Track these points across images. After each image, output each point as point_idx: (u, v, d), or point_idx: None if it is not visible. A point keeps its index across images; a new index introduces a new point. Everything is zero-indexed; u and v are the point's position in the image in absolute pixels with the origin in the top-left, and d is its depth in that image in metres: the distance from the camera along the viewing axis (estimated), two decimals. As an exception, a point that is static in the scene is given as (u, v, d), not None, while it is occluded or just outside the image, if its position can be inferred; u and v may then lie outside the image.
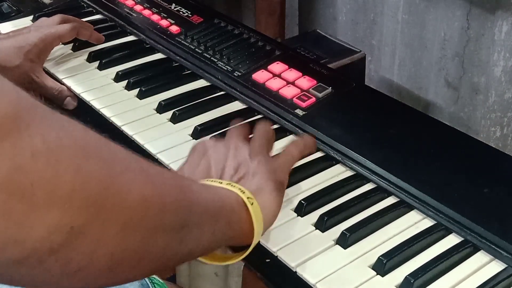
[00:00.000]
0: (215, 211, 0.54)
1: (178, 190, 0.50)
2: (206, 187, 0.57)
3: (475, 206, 0.67)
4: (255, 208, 0.58)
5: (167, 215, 0.47)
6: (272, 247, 0.64)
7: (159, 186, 0.47)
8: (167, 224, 0.47)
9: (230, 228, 0.56)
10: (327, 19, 1.48)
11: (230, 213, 0.56)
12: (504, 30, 1.09)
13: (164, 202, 0.47)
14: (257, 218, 0.58)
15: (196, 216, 0.51)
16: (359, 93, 0.88)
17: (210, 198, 0.55)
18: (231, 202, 0.57)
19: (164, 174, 0.51)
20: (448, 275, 0.61)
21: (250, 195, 0.58)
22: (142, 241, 0.45)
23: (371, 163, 0.73)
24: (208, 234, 0.53)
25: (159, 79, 0.94)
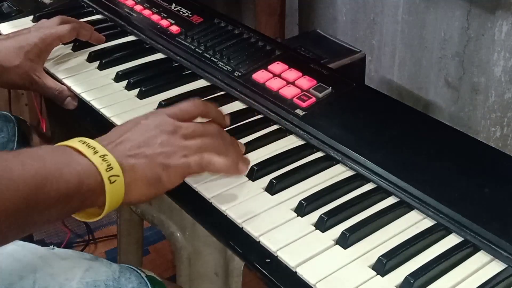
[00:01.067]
0: (68, 194, 0.59)
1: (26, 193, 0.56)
2: (66, 167, 0.60)
3: (475, 206, 0.67)
4: (115, 186, 0.62)
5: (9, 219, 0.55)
6: (272, 247, 0.64)
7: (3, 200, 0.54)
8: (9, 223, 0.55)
9: (82, 204, 0.62)
10: (327, 19, 1.48)
11: (86, 192, 0.61)
12: (504, 30, 1.09)
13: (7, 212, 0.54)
14: (113, 196, 0.62)
15: (46, 204, 0.58)
16: (359, 93, 0.88)
17: (66, 183, 0.59)
18: (90, 182, 0.61)
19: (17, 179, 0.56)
20: (448, 275, 0.61)
21: (119, 172, 0.62)
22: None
23: (371, 163, 0.73)
24: (56, 214, 0.60)
25: (159, 79, 0.94)
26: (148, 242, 1.57)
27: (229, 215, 0.69)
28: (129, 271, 0.78)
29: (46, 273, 0.73)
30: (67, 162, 0.61)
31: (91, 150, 0.63)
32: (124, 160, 0.64)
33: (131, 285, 0.75)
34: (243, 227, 0.67)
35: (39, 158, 0.60)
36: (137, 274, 0.78)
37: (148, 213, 0.95)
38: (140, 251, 1.26)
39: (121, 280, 0.76)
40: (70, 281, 0.73)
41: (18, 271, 0.72)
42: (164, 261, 1.56)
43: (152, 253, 1.59)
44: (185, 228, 0.87)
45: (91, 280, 0.74)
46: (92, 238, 1.64)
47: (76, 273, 0.74)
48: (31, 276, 0.72)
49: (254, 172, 0.74)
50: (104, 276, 0.75)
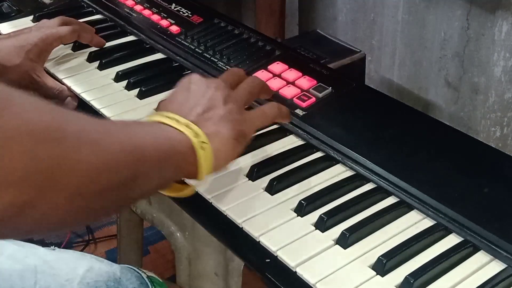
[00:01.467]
0: (163, 158, 0.59)
1: (128, 152, 0.54)
2: (157, 135, 0.60)
3: (475, 206, 0.67)
4: (205, 152, 0.61)
5: (116, 177, 0.52)
6: (272, 247, 0.64)
7: (110, 153, 0.52)
8: (116, 184, 0.53)
9: (177, 171, 0.61)
10: (327, 19, 1.48)
11: (179, 158, 0.60)
12: (504, 30, 1.09)
13: (112, 167, 0.52)
14: (205, 162, 0.61)
15: (144, 168, 0.56)
16: (359, 93, 0.88)
17: (160, 147, 0.59)
18: (181, 147, 0.60)
19: (115, 138, 0.54)
20: (448, 275, 0.61)
21: (205, 139, 0.62)
22: (90, 203, 0.51)
23: (371, 163, 0.73)
24: (155, 179, 0.58)
25: (159, 79, 0.94)
26: (148, 242, 1.57)
27: (229, 215, 0.69)
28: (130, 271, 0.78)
29: (47, 274, 0.73)
30: (156, 130, 0.61)
31: (173, 121, 0.62)
32: (205, 128, 0.63)
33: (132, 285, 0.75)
34: (243, 227, 0.67)
35: (128, 124, 0.60)
36: (138, 275, 0.78)
37: (148, 213, 0.95)
38: (140, 251, 1.26)
39: (122, 280, 0.76)
40: (71, 282, 0.73)
41: (20, 272, 0.73)
42: (164, 261, 1.56)
43: (152, 253, 1.59)
44: (185, 228, 0.87)
45: (92, 280, 0.74)
46: (92, 238, 1.64)
47: (77, 273, 0.74)
48: (32, 277, 0.72)
49: (254, 172, 0.74)
50: (105, 277, 0.75)
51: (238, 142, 0.65)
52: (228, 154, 0.65)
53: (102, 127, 0.54)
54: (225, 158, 0.65)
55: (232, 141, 0.65)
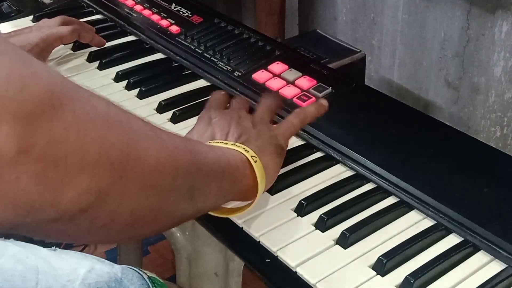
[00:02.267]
0: (221, 170, 0.59)
1: (188, 153, 0.55)
2: (212, 148, 0.62)
3: (475, 206, 0.67)
4: (258, 165, 0.63)
5: (179, 176, 0.53)
6: (272, 247, 0.64)
7: (172, 151, 0.53)
8: (179, 184, 0.53)
9: (235, 185, 0.61)
10: (327, 19, 1.48)
11: (235, 171, 0.61)
12: (504, 30, 1.09)
13: (176, 165, 0.53)
14: (260, 174, 0.63)
15: (204, 176, 0.57)
16: (359, 93, 0.88)
17: (216, 158, 0.60)
18: (236, 160, 0.62)
19: (176, 139, 0.55)
20: (448, 275, 0.61)
21: (254, 154, 0.64)
22: (158, 199, 0.51)
23: (371, 163, 0.73)
24: (215, 191, 0.59)
25: (159, 79, 0.94)
26: (148, 242, 1.57)
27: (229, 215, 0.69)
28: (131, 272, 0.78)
29: (49, 274, 0.73)
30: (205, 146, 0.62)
31: (219, 142, 0.64)
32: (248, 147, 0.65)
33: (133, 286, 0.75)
34: (243, 227, 0.67)
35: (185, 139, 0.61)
36: (139, 275, 0.78)
37: (148, 213, 0.95)
38: (140, 251, 1.26)
39: (123, 281, 0.76)
40: (73, 282, 0.73)
41: (21, 272, 0.73)
42: (164, 261, 1.56)
43: (152, 253, 1.59)
44: (185, 228, 0.87)
45: (93, 281, 0.74)
46: (92, 238, 1.63)
47: (79, 274, 0.74)
48: (34, 277, 0.72)
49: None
50: (107, 277, 0.75)
51: (279, 155, 0.68)
52: (275, 168, 0.67)
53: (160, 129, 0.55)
54: (273, 173, 0.67)
55: (275, 156, 0.67)
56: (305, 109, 0.77)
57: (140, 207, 0.50)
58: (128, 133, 0.48)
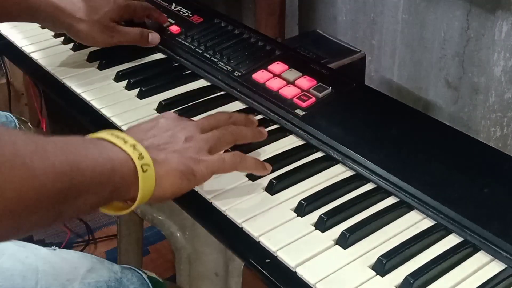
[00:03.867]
0: (101, 180, 0.58)
1: (62, 175, 0.54)
2: (99, 155, 0.59)
3: (475, 206, 0.67)
4: (147, 175, 0.61)
5: (45, 200, 0.53)
6: (272, 247, 0.64)
7: (40, 178, 0.52)
8: (45, 206, 0.53)
9: (115, 193, 0.60)
10: (327, 19, 1.48)
11: (119, 180, 0.60)
12: (504, 30, 1.09)
13: (44, 191, 0.52)
14: (145, 185, 0.61)
15: (80, 190, 0.56)
16: (359, 93, 0.88)
17: (99, 168, 0.58)
18: (122, 169, 0.60)
19: (52, 159, 0.54)
20: (448, 275, 0.61)
21: (149, 163, 0.61)
22: (17, 223, 0.51)
23: (371, 163, 0.73)
24: (91, 201, 0.58)
25: (159, 79, 0.94)
26: (148, 242, 1.57)
27: (229, 215, 0.69)
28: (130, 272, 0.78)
29: (48, 274, 0.73)
30: (98, 149, 0.60)
31: (120, 140, 0.62)
32: (154, 154, 0.63)
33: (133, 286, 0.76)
34: (243, 227, 0.67)
35: (70, 142, 0.59)
36: (138, 275, 0.78)
37: (148, 213, 0.95)
38: (140, 251, 1.26)
39: (123, 281, 0.76)
40: (72, 282, 0.73)
41: (21, 272, 0.73)
42: (164, 261, 1.56)
43: (152, 253, 1.59)
44: (185, 228, 0.87)
45: (93, 281, 0.74)
46: (92, 238, 1.64)
47: (78, 273, 0.74)
48: (33, 277, 0.72)
49: (254, 172, 0.74)
50: (106, 277, 0.75)
51: (185, 177, 0.65)
52: (172, 186, 0.64)
53: (38, 147, 0.54)
54: (168, 189, 0.64)
55: (179, 174, 0.64)
56: (244, 158, 0.72)
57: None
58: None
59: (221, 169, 0.69)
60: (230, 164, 0.69)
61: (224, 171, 0.70)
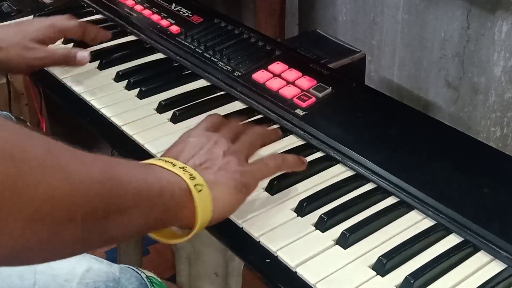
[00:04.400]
0: (149, 199, 0.55)
1: (99, 184, 0.51)
2: (146, 174, 0.57)
3: (475, 206, 0.67)
4: (202, 195, 0.59)
5: (81, 209, 0.49)
6: (272, 247, 0.64)
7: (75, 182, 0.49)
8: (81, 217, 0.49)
9: (167, 215, 0.58)
10: (327, 19, 1.48)
11: (169, 200, 0.57)
12: (504, 30, 1.09)
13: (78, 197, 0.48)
14: (202, 205, 0.59)
15: (122, 206, 0.52)
16: (359, 93, 0.88)
17: (146, 186, 0.56)
18: (173, 189, 0.58)
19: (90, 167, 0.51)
20: (448, 275, 0.61)
21: (202, 183, 0.60)
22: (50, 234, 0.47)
23: (371, 163, 0.73)
24: (138, 220, 0.55)
25: (159, 79, 0.94)
26: (148, 242, 1.57)
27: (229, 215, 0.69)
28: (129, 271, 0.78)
29: (47, 274, 0.73)
30: (145, 169, 0.58)
31: (168, 164, 0.60)
32: (204, 175, 0.61)
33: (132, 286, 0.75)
34: (243, 227, 0.67)
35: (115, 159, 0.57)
36: (137, 275, 0.78)
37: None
38: (140, 251, 1.26)
39: (121, 281, 0.76)
40: (70, 282, 0.73)
41: (18, 272, 0.73)
42: (164, 261, 1.56)
43: (152, 253, 1.59)
44: (185, 228, 0.87)
45: (91, 281, 0.74)
46: (92, 238, 1.63)
47: (76, 273, 0.74)
48: (31, 277, 0.72)
49: (254, 172, 0.74)
50: (105, 277, 0.75)
51: (240, 192, 0.64)
52: (229, 204, 0.63)
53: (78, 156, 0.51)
54: (226, 208, 0.63)
55: (233, 190, 0.63)
56: (285, 156, 0.72)
57: (24, 241, 0.46)
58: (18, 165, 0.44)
59: (267, 174, 0.69)
60: (274, 167, 0.69)
61: (269, 175, 0.70)
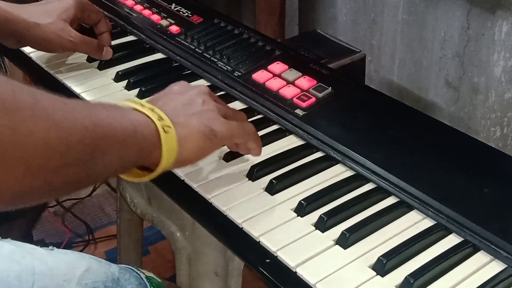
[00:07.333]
0: (125, 139, 0.58)
1: (84, 129, 0.54)
2: (121, 117, 0.60)
3: (475, 206, 0.67)
4: (169, 136, 0.61)
5: (71, 153, 0.52)
6: (272, 247, 0.64)
7: (65, 128, 0.52)
8: (72, 161, 0.53)
9: (140, 154, 0.61)
10: (327, 19, 1.48)
11: (141, 139, 0.60)
12: (504, 30, 1.09)
13: (69, 142, 0.52)
14: (167, 146, 0.61)
15: (103, 147, 0.56)
16: (359, 93, 0.88)
17: (122, 128, 0.59)
18: (143, 130, 0.60)
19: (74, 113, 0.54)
20: (448, 275, 0.61)
21: (169, 124, 0.62)
22: (46, 178, 0.51)
23: (371, 163, 0.73)
24: (116, 160, 0.58)
25: (159, 79, 0.94)
26: (148, 242, 1.57)
27: (229, 215, 0.69)
28: (128, 271, 0.78)
29: (45, 274, 0.73)
30: (119, 111, 0.61)
31: (138, 104, 0.62)
32: (173, 116, 0.63)
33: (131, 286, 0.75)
34: (243, 227, 0.67)
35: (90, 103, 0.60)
36: (136, 275, 0.78)
37: (148, 213, 0.95)
38: (140, 251, 1.26)
39: (120, 281, 0.76)
40: (69, 282, 0.73)
41: (17, 272, 0.72)
42: (164, 261, 1.56)
43: (152, 253, 1.59)
44: (185, 228, 0.87)
45: (90, 281, 0.74)
46: (92, 238, 1.64)
47: (75, 274, 0.74)
48: (30, 278, 0.72)
49: (254, 172, 0.74)
50: (104, 277, 0.75)
51: (207, 138, 0.65)
52: (195, 147, 0.65)
53: (62, 103, 0.54)
54: (192, 150, 0.65)
55: (200, 135, 0.65)
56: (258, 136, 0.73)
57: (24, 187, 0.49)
58: (11, 116, 0.47)
59: (239, 134, 0.70)
60: (248, 132, 0.71)
61: (240, 137, 0.70)
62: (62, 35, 0.92)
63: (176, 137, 0.62)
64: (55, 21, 0.91)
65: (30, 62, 1.01)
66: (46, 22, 0.91)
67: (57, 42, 0.92)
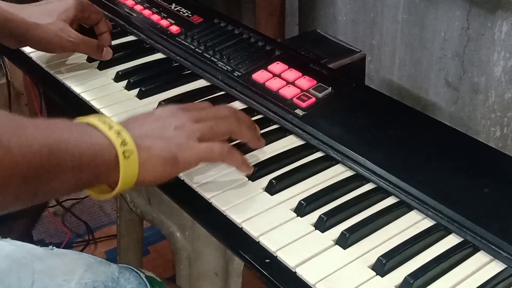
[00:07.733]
0: (81, 163, 0.59)
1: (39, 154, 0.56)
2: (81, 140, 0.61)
3: (475, 206, 0.67)
4: (128, 162, 0.62)
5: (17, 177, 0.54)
6: (271, 247, 0.64)
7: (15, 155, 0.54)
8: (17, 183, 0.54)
9: (97, 177, 0.62)
10: (327, 19, 1.48)
11: (100, 164, 0.61)
12: (504, 30, 1.09)
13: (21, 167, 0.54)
14: (126, 171, 0.62)
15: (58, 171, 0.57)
16: (359, 93, 0.88)
17: (79, 152, 0.59)
18: (104, 155, 0.61)
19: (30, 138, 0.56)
20: (448, 275, 0.61)
21: (133, 149, 0.62)
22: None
23: (371, 163, 0.73)
24: (70, 183, 0.59)
25: (159, 79, 0.94)
26: (148, 242, 1.57)
27: (229, 215, 0.69)
28: (128, 271, 0.78)
29: (45, 274, 0.73)
30: (81, 133, 0.61)
31: (106, 125, 0.63)
32: (139, 140, 0.64)
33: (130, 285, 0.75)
34: (243, 227, 0.67)
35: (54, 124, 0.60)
36: (136, 275, 0.78)
37: (148, 213, 0.95)
38: (140, 251, 1.26)
39: (120, 280, 0.76)
40: (69, 282, 0.73)
41: (17, 272, 0.72)
42: (164, 261, 1.57)
43: (152, 253, 1.59)
44: (185, 228, 0.87)
45: (90, 281, 0.74)
46: (92, 238, 1.64)
47: (75, 273, 0.74)
48: (29, 277, 0.72)
49: (254, 172, 0.74)
50: (103, 277, 0.75)
51: (168, 164, 0.66)
52: (153, 172, 0.65)
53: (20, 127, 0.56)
54: (150, 175, 0.65)
55: (162, 160, 0.65)
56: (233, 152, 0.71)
57: None
58: None
59: (208, 158, 0.70)
60: (218, 153, 0.69)
61: (211, 160, 0.71)
62: (62, 35, 0.92)
63: (138, 161, 0.63)
64: (55, 21, 0.91)
65: (30, 62, 1.01)
66: (46, 22, 0.91)
67: (57, 42, 0.92)
